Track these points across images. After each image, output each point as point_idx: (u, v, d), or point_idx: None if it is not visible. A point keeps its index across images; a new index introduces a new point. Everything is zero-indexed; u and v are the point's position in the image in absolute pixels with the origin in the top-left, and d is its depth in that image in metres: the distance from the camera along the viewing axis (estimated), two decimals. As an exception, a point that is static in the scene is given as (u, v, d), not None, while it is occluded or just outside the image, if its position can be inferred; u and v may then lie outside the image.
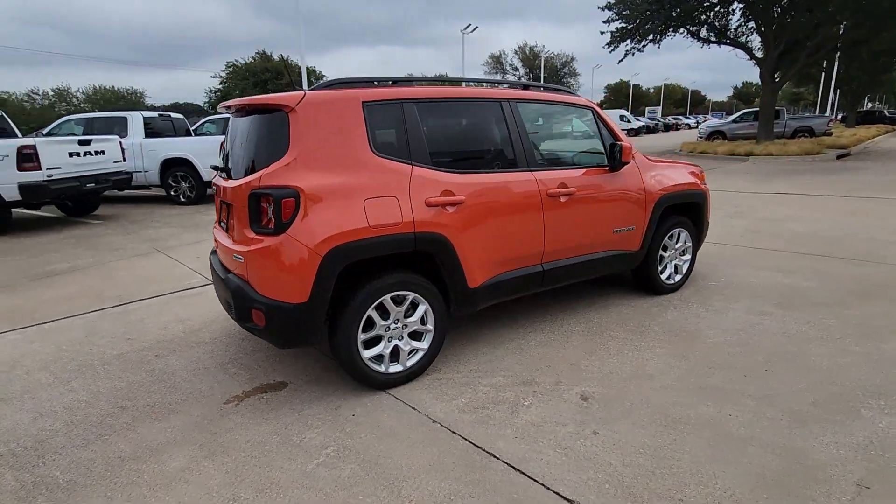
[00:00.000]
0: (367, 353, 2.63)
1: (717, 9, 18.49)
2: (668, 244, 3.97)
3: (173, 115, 11.20)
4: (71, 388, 2.87)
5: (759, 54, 18.82)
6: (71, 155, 7.54)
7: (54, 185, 7.18)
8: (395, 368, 2.73)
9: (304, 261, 2.35)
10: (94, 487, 2.06)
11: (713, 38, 19.58)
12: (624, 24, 19.06)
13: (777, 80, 18.16)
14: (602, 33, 20.30)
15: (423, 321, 2.79)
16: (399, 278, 2.63)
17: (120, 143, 8.58)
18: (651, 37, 18.76)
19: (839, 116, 40.71)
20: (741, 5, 17.81)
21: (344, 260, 2.43)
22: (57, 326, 3.78)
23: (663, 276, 3.99)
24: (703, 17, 19.00)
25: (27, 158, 6.91)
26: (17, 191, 6.92)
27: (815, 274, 4.37)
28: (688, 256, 4.14)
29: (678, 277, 4.09)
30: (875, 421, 2.29)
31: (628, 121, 37.74)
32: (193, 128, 11.99)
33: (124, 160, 8.58)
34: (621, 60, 20.20)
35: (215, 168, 3.17)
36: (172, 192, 9.76)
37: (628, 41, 19.31)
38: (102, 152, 8.07)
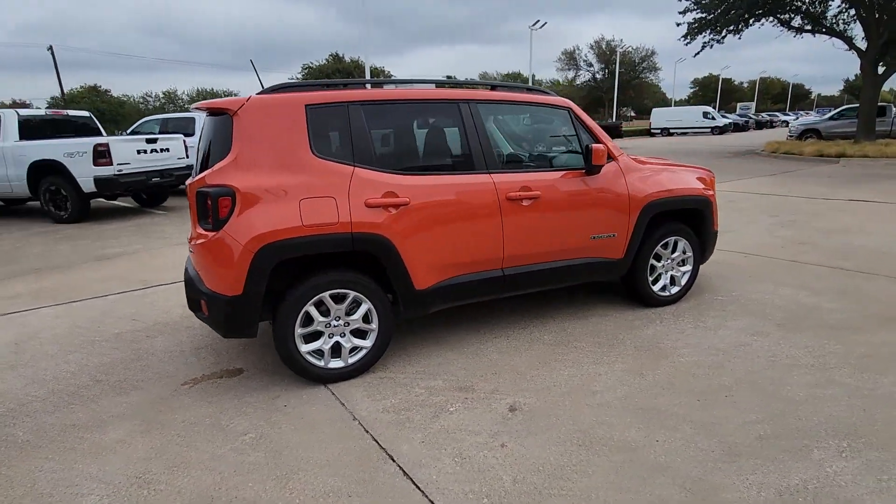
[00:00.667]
0: (305, 348, 2.73)
1: (813, -6, 16.72)
2: (661, 253, 3.70)
3: None
4: (67, 360, 3.24)
5: (861, 44, 16.74)
6: (139, 152, 8.43)
7: (123, 178, 8.06)
8: (335, 364, 2.81)
9: (238, 256, 2.49)
10: (42, 449, 2.33)
11: (807, 27, 17.70)
12: (703, 15, 17.76)
13: (881, 72, 16.06)
14: (678, 25, 19.09)
15: (367, 320, 2.85)
16: (338, 277, 2.70)
17: (184, 140, 9.42)
18: (732, 27, 17.31)
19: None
20: (842, -10, 15.97)
21: (276, 257, 2.54)
22: (82, 305, 4.26)
23: (656, 288, 3.74)
24: (797, 3, 17.24)
25: (101, 155, 7.82)
26: (92, 183, 7.85)
27: (844, 293, 3.88)
28: (687, 267, 3.84)
29: (675, 290, 3.81)
30: (824, 464, 2.03)
31: (712, 118, 35.21)
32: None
33: (187, 157, 9.41)
34: (697, 53, 18.88)
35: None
36: None
37: (706, 32, 17.97)
38: (167, 150, 8.92)
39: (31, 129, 8.52)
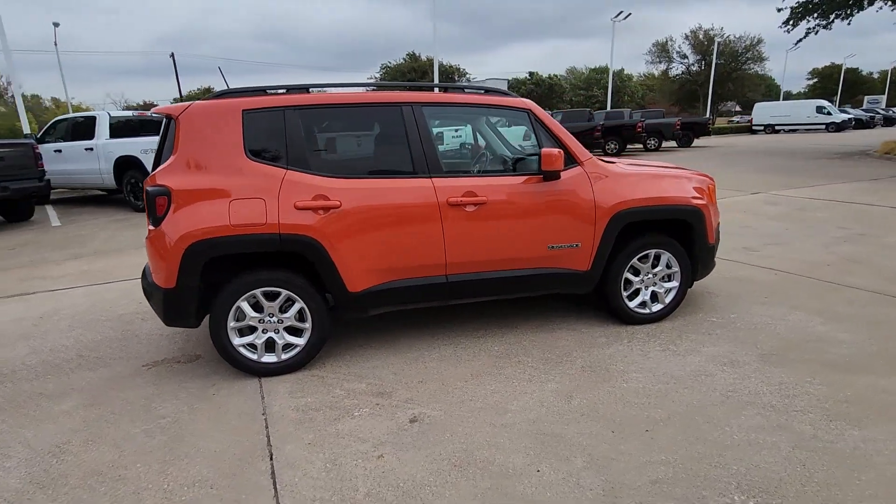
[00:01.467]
0: (238, 341, 2.87)
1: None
2: (639, 267, 3.40)
3: None
4: (70, 335, 3.67)
5: None
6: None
7: None
8: (268, 359, 2.92)
9: (171, 252, 2.68)
10: (3, 412, 2.68)
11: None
12: (807, -2, 15.84)
13: None
14: (779, 10, 17.20)
15: (301, 318, 2.93)
16: (268, 275, 2.81)
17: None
18: (840, 11, 15.24)
19: None
20: None
21: (205, 254, 2.69)
22: (107, 287, 4.80)
23: (632, 304, 3.44)
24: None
25: None
26: None
27: (874, 326, 3.30)
28: (673, 284, 3.48)
29: (657, 307, 3.48)
30: (711, 521, 1.77)
31: (827, 113, 31.34)
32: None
33: None
34: (800, 41, 16.87)
35: None
36: None
37: (811, 17, 16.00)
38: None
39: (119, 128, 9.70)
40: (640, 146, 20.92)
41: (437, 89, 3.26)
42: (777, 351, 3.01)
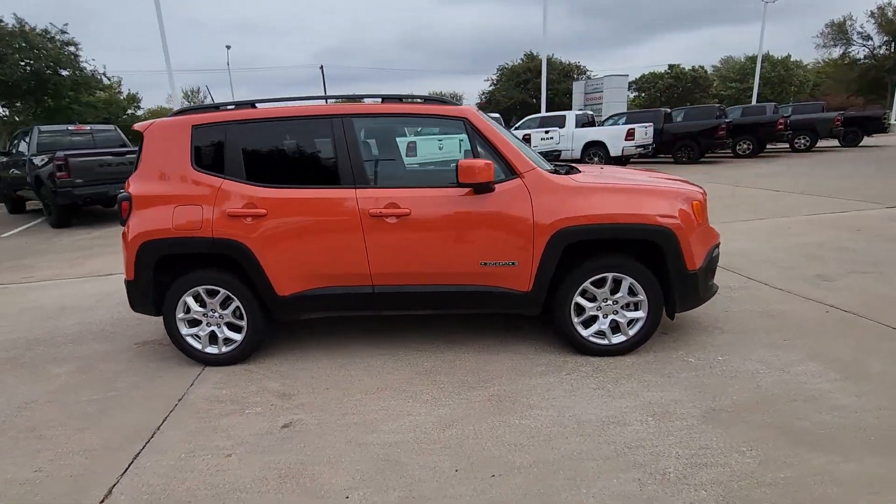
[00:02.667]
0: (186, 331, 3.20)
1: None
2: (593, 292, 3.02)
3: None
4: (111, 313, 4.40)
5: None
6: (541, 139, 13.86)
7: None
8: (211, 350, 3.22)
9: (129, 249, 3.09)
10: (17, 369, 3.35)
11: None
12: None
13: None
14: None
15: (240, 316, 3.17)
16: (205, 274, 3.09)
17: (559, 132, 14.36)
18: None
19: None
20: None
21: (155, 252, 3.05)
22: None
23: (587, 332, 3.07)
24: None
25: (525, 140, 11.20)
26: None
27: (878, 382, 2.53)
28: (639, 314, 3.03)
29: (619, 338, 3.06)
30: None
31: None
32: None
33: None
34: None
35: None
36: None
37: None
38: (552, 137, 14.02)
39: None
40: (787, 146, 17.97)
41: (368, 100, 3.26)
42: (736, 408, 2.47)
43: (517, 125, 15.79)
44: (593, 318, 3.08)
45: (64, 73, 15.18)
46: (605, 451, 2.19)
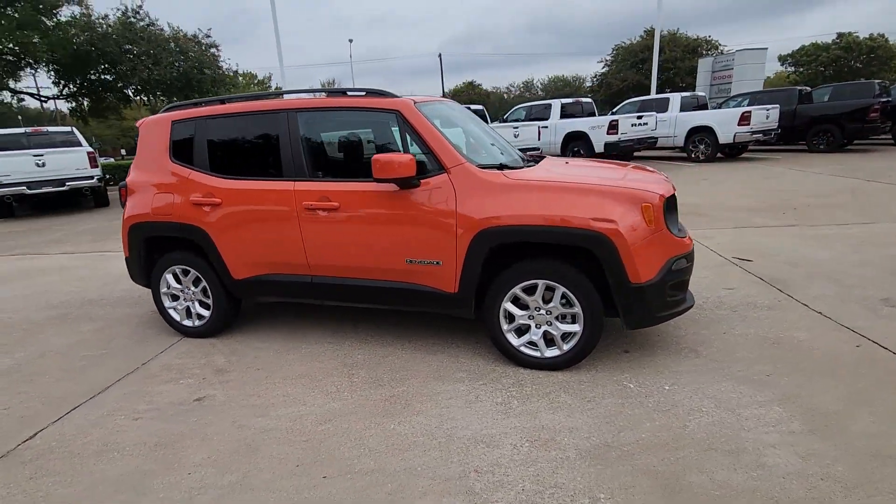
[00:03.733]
0: (168, 304, 3.62)
1: None
2: (525, 300, 2.77)
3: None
4: (115, 286, 5.06)
5: None
6: (632, 125, 12.44)
7: (622, 143, 12.15)
8: (187, 323, 3.59)
9: (123, 230, 3.56)
10: (50, 322, 4.07)
11: None
12: None
13: None
14: None
15: (207, 295, 3.50)
16: (179, 256, 3.45)
17: (656, 117, 13.06)
18: None
19: None
20: None
21: (140, 233, 3.48)
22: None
23: (517, 342, 2.83)
24: None
25: (612, 127, 12.04)
26: (602, 146, 12.20)
27: (849, 444, 1.95)
28: (574, 327, 2.71)
29: (552, 352, 2.78)
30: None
31: None
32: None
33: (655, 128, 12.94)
34: None
35: None
36: (691, 153, 12.89)
37: None
38: (646, 123, 12.70)
39: (564, 112, 13.53)
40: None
41: (315, 95, 3.30)
42: (635, 447, 2.12)
43: (614, 111, 14.63)
44: (526, 328, 2.84)
45: (207, 71, 17.62)
46: (450, 472, 2.04)
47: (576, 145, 12.88)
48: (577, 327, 2.71)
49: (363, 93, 3.11)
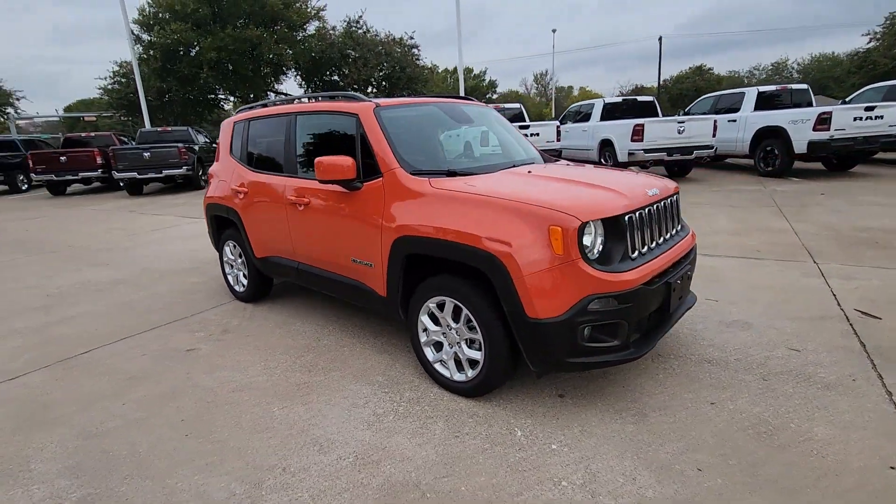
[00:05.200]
0: (228, 270, 4.43)
1: None
2: (437, 315, 2.62)
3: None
4: (173, 261, 6.12)
5: None
6: (854, 119, 9.01)
7: (834, 143, 8.99)
8: (237, 288, 4.35)
9: (203, 207, 4.48)
10: (124, 286, 5.32)
11: None
12: None
13: None
14: None
15: (245, 266, 4.19)
16: (231, 233, 4.20)
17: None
18: None
19: None
20: None
21: (211, 211, 4.34)
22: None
23: (432, 357, 2.70)
24: None
25: (822, 122, 8.95)
26: (805, 146, 9.18)
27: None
28: (475, 354, 2.46)
29: (459, 377, 2.58)
30: None
31: None
32: (689, 107, 12.67)
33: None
34: None
35: None
36: None
37: None
38: (881, 117, 8.97)
39: (762, 102, 10.57)
40: None
41: (312, 100, 3.55)
42: (434, 493, 1.89)
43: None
44: (438, 344, 2.69)
45: (407, 70, 19.75)
46: (266, 462, 2.15)
47: (769, 144, 9.91)
48: (477, 354, 2.46)
49: (339, 97, 3.30)
